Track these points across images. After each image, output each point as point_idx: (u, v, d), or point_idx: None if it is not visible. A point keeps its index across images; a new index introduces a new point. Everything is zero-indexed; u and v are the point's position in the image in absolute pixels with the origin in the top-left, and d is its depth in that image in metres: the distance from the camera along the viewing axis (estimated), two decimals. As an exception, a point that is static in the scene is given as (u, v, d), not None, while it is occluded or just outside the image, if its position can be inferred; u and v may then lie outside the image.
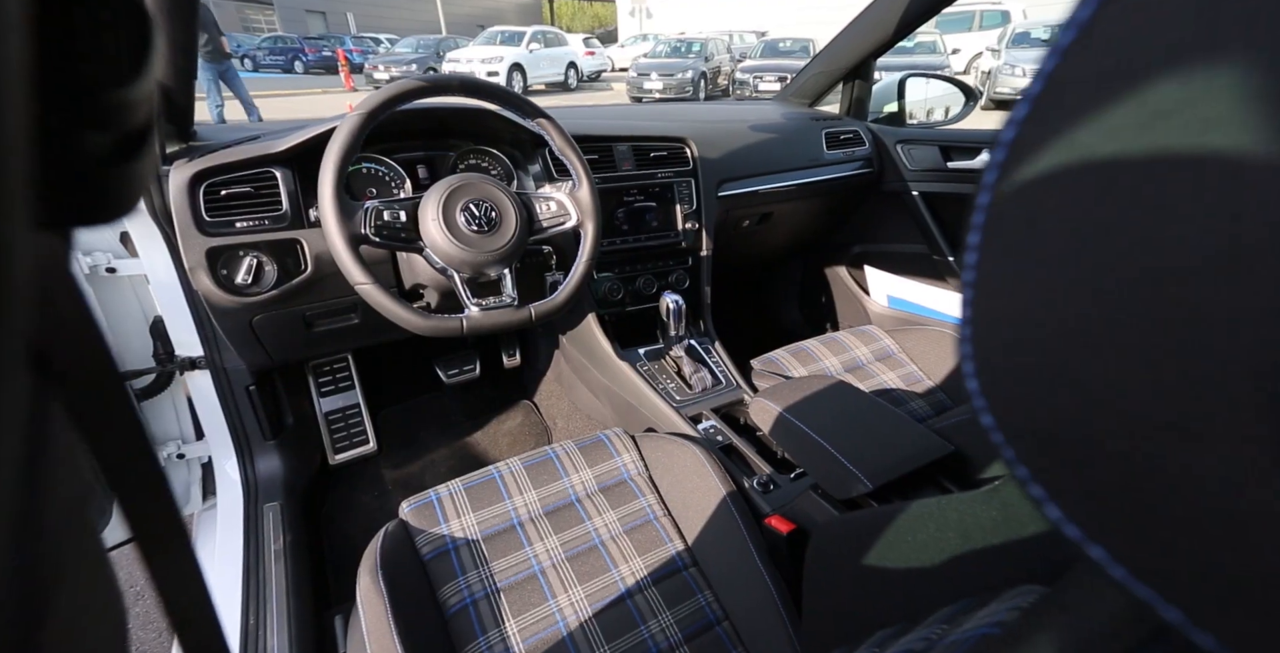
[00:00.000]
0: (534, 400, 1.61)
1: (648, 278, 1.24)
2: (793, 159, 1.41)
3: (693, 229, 1.25)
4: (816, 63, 1.56)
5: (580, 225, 0.94)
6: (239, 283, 0.89)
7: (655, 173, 1.22)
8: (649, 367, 1.16)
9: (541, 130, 0.92)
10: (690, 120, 1.40)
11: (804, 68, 1.62)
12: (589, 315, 1.20)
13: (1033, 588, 0.27)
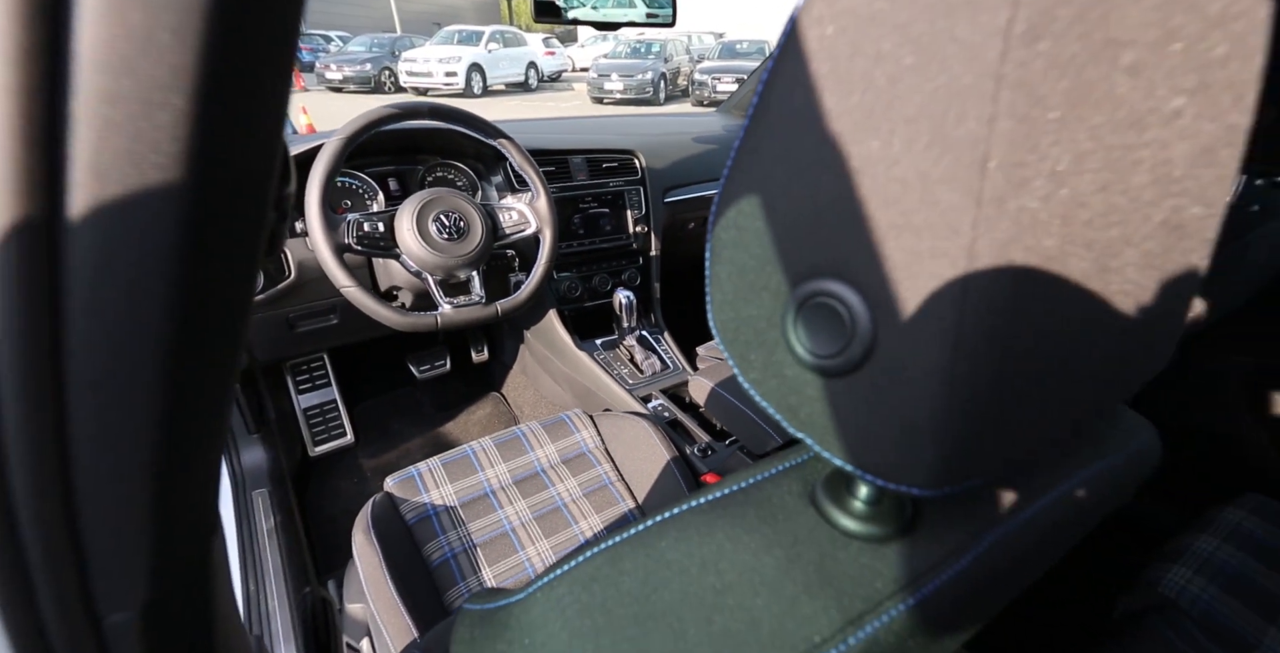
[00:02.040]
0: (502, 392, 1.73)
1: (603, 276, 1.37)
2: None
3: (642, 232, 1.39)
4: (753, 79, 1.73)
5: (539, 232, 1.07)
6: None
7: (607, 182, 1.36)
8: (605, 355, 1.30)
9: (503, 149, 1.05)
10: (639, 133, 1.54)
11: (745, 82, 1.78)
12: (550, 311, 1.33)
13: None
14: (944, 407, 0.18)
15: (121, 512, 0.20)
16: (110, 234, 0.16)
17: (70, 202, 0.16)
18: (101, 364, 0.17)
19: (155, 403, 0.19)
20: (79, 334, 0.17)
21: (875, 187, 0.18)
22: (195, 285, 0.18)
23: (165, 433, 0.20)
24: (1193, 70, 0.18)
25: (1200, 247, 0.22)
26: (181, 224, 0.17)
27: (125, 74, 0.15)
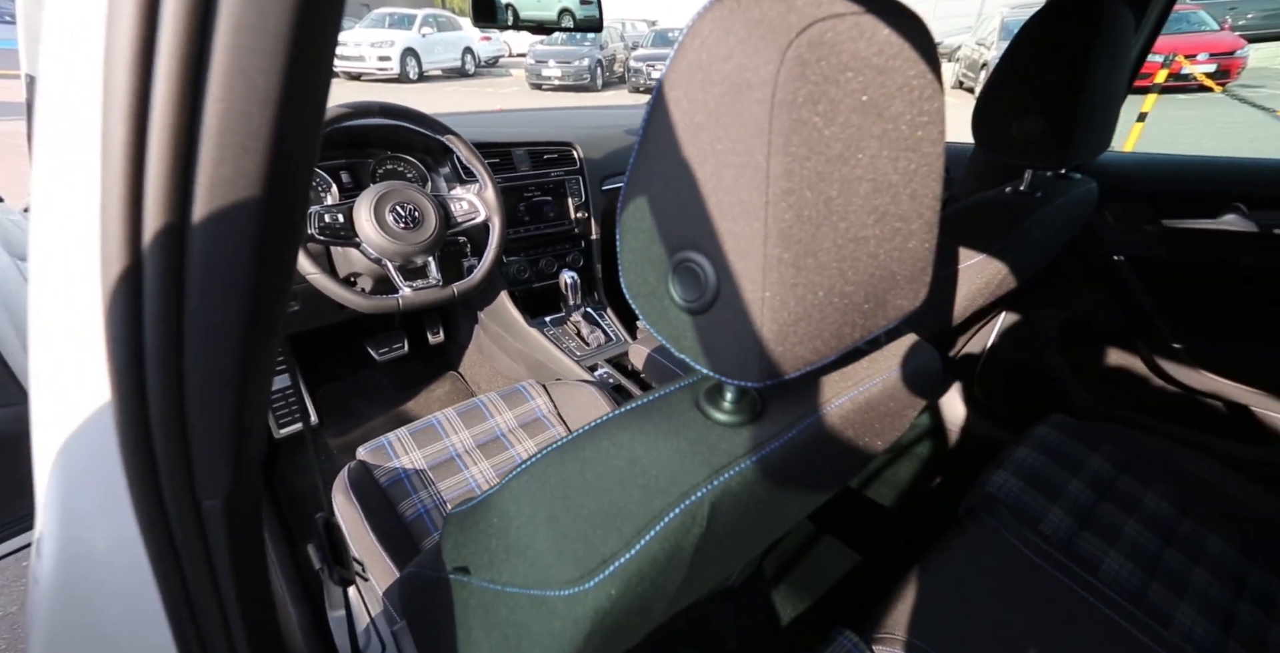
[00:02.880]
0: (459, 371, 1.82)
1: (549, 259, 1.50)
2: None
3: (583, 218, 1.52)
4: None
5: (489, 220, 1.18)
6: None
7: (549, 172, 1.47)
8: (554, 331, 1.43)
9: (450, 144, 1.15)
10: (576, 126, 1.66)
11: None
12: (502, 292, 1.44)
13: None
14: (761, 326, 0.33)
15: (213, 425, 0.31)
16: (215, 231, 0.26)
17: (194, 212, 0.26)
18: (207, 317, 0.28)
19: (238, 341, 0.29)
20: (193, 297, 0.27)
21: (710, 192, 0.32)
22: (265, 263, 0.28)
23: (242, 365, 0.30)
24: (877, 126, 0.33)
25: (918, 228, 0.38)
26: (258, 222, 0.26)
27: (229, 131, 0.24)
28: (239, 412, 0.30)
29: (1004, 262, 0.79)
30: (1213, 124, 6.19)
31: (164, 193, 0.24)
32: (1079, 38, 0.71)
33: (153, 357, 0.27)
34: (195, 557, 0.32)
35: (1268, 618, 0.78)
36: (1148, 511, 0.90)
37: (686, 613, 0.89)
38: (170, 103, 0.22)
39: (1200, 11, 8.33)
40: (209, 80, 0.22)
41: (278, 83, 0.23)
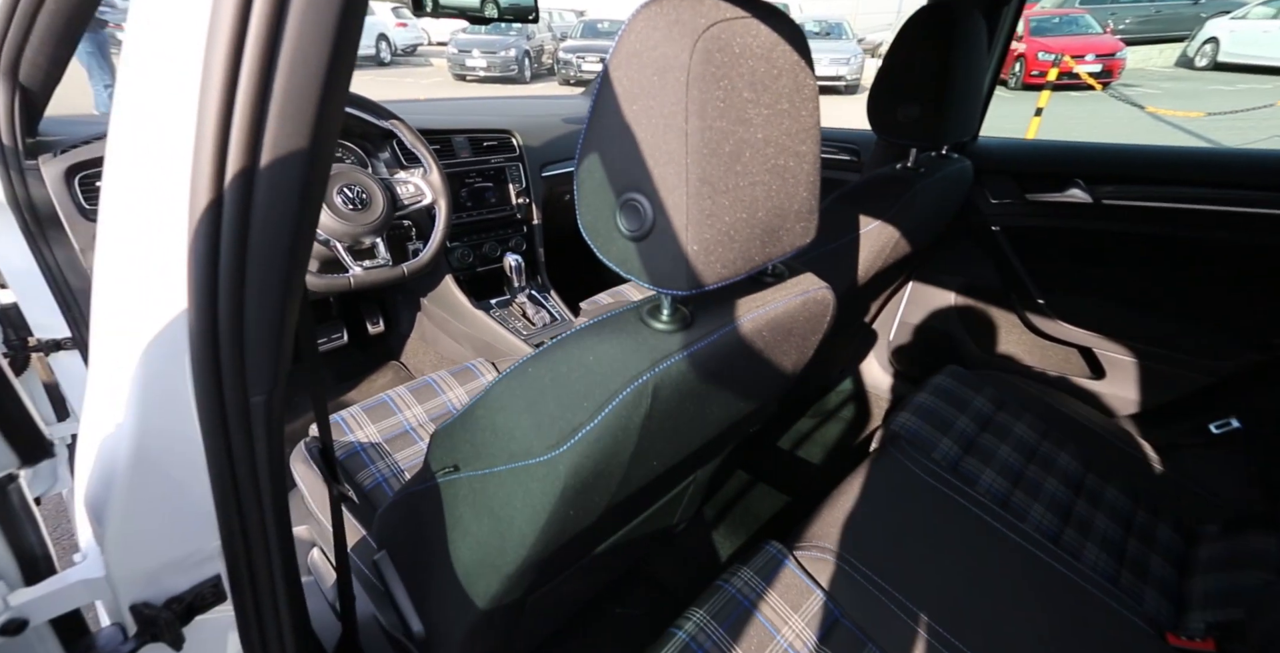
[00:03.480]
0: (401, 360, 1.83)
1: (492, 244, 1.54)
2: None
3: (524, 203, 1.58)
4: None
5: (435, 202, 1.23)
6: None
7: (489, 159, 1.52)
8: (500, 312, 1.48)
9: (394, 129, 1.18)
10: (514, 114, 1.70)
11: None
12: (447, 277, 1.48)
13: None
14: (687, 247, 0.42)
15: (264, 332, 0.38)
16: (276, 173, 0.34)
17: (262, 158, 0.33)
18: (266, 242, 0.35)
19: (285, 263, 0.36)
20: (256, 226, 0.34)
21: (646, 147, 0.42)
22: (306, 201, 0.35)
23: (286, 283, 0.37)
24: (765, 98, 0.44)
25: (802, 179, 0.49)
26: (305, 167, 0.34)
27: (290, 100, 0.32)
28: (282, 322, 0.37)
29: (896, 227, 0.93)
30: (1099, 118, 6.93)
31: (243, 143, 0.31)
32: (940, 40, 0.86)
33: (225, 273, 0.34)
34: (241, 446, 0.39)
35: (1094, 508, 0.97)
36: (1016, 437, 1.08)
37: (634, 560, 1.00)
38: (252, 77, 0.30)
39: (1086, 15, 9.28)
40: (279, 61, 0.30)
41: (324, 64, 0.31)
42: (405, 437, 1.10)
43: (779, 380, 0.63)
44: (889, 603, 0.77)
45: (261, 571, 0.45)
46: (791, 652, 0.69)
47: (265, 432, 0.40)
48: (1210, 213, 1.13)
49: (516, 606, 0.64)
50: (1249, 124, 5.78)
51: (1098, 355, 1.29)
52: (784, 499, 1.41)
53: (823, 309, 0.61)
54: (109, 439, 0.39)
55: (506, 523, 0.48)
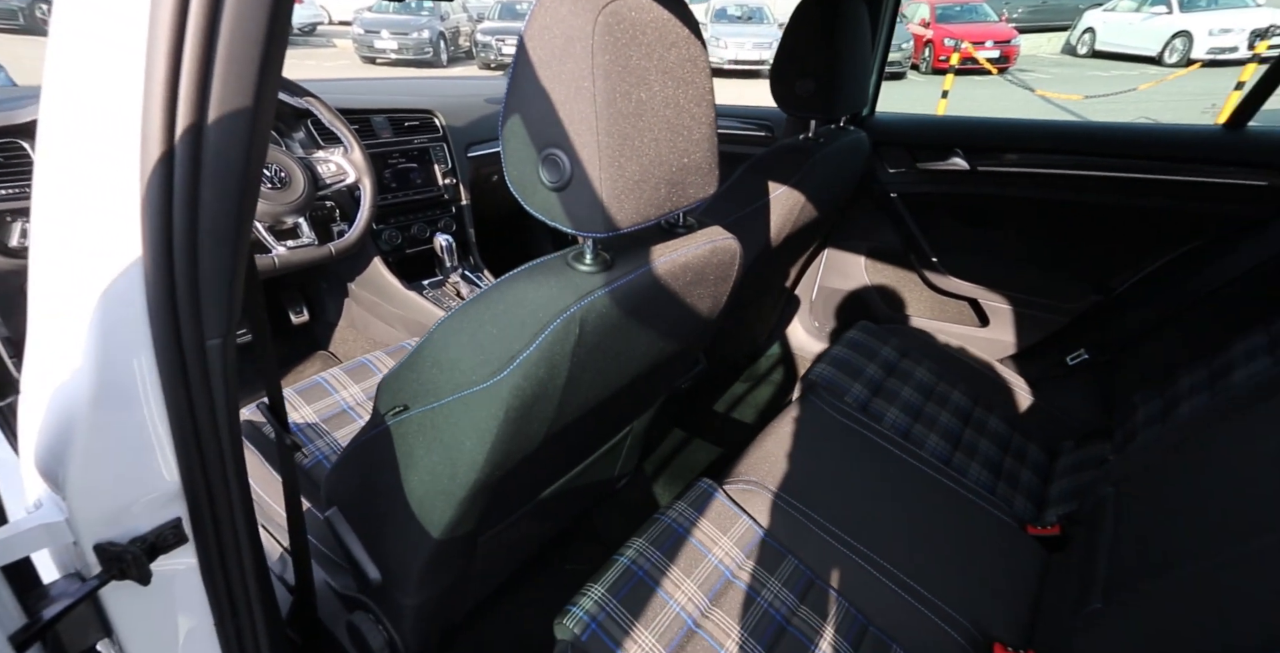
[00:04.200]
0: (330, 349, 1.79)
1: (421, 225, 1.54)
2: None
3: (452, 184, 1.58)
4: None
5: (359, 181, 1.21)
6: (14, 246, 0.97)
7: (412, 139, 1.50)
8: (434, 293, 1.48)
9: (310, 107, 1.16)
10: (435, 95, 1.68)
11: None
12: (375, 259, 1.46)
13: None
14: (602, 195, 0.48)
15: (218, 276, 0.40)
16: (224, 128, 0.37)
17: (210, 115, 0.36)
18: (217, 191, 0.38)
19: (235, 212, 0.39)
20: (208, 182, 0.37)
21: (561, 107, 0.47)
22: (252, 155, 0.38)
23: (236, 230, 0.40)
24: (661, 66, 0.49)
25: (700, 138, 0.55)
26: (249, 125, 0.38)
27: (233, 60, 0.35)
28: (234, 268, 0.40)
29: (801, 192, 1.03)
30: (998, 101, 7.50)
31: (190, 100, 0.34)
32: (826, 23, 0.96)
33: (179, 220, 0.37)
34: (199, 387, 0.41)
35: (979, 435, 1.12)
36: (916, 380, 1.22)
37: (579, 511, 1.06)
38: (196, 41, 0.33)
39: (984, 4, 9.93)
40: (221, 26, 0.33)
41: (263, 29, 0.34)
42: (343, 416, 1.11)
43: (697, 324, 0.70)
44: (807, 522, 0.87)
45: (223, 509, 0.48)
46: (722, 566, 0.77)
47: (221, 374, 0.42)
48: (1062, 176, 1.31)
49: (469, 539, 0.68)
50: (1119, 106, 6.44)
51: (982, 306, 1.46)
52: (719, 451, 1.51)
53: (730, 258, 0.68)
54: (65, 386, 0.40)
55: (456, 450, 0.53)
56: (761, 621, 0.73)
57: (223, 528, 0.49)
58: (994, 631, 0.77)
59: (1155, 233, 1.26)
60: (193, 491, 0.46)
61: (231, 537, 0.50)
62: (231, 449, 0.46)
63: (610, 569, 0.73)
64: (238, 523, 0.50)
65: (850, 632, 0.74)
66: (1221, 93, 5.31)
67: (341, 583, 0.87)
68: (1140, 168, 1.23)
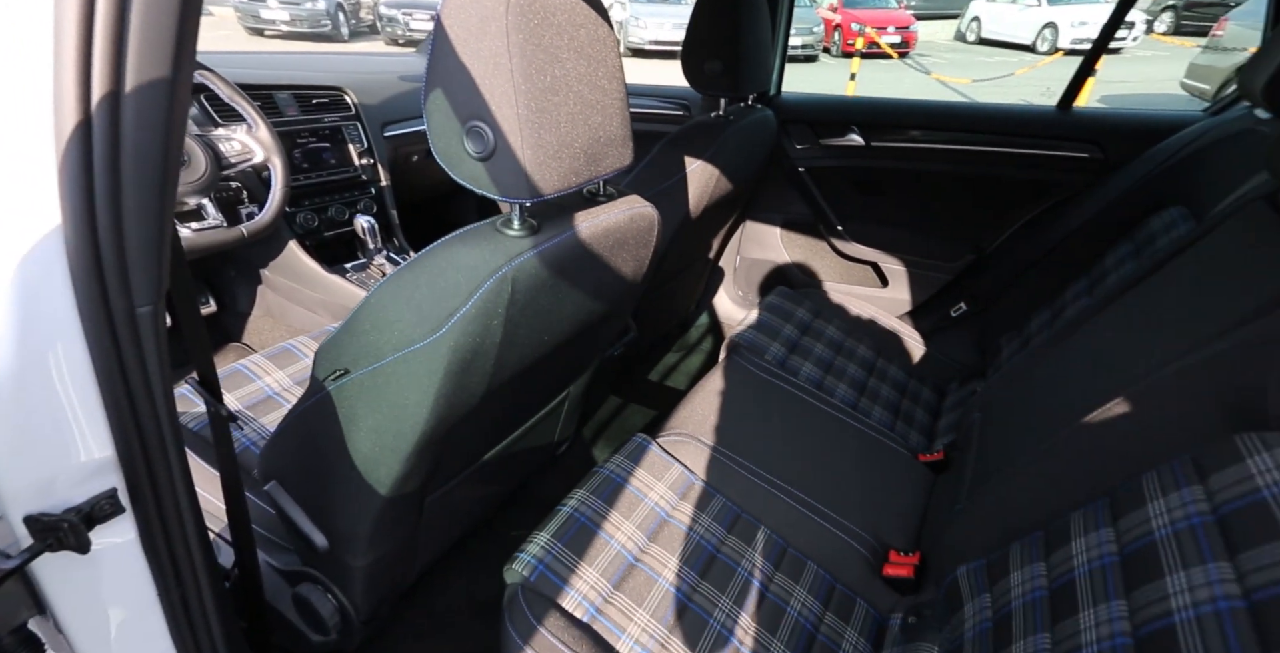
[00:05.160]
0: (244, 341, 1.71)
1: (338, 207, 1.49)
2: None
3: (369, 164, 1.53)
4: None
5: (268, 160, 1.17)
6: None
7: (321, 118, 1.45)
8: (358, 276, 1.45)
9: (206, 81, 1.10)
10: (345, 71, 1.62)
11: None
12: (290, 243, 1.41)
13: None
14: (524, 164, 0.52)
15: (145, 240, 0.41)
16: (143, 96, 0.37)
17: (127, 82, 0.36)
18: (139, 157, 0.39)
19: (159, 174, 0.40)
20: (129, 149, 0.37)
21: (481, 82, 0.50)
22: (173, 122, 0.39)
23: (161, 195, 0.41)
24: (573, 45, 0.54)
25: (613, 113, 0.60)
26: (168, 93, 0.39)
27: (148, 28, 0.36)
28: (161, 235, 0.40)
29: (716, 166, 1.10)
30: (901, 84, 7.95)
31: (106, 68, 0.35)
32: (728, 7, 1.04)
33: (101, 187, 0.37)
34: (132, 356, 0.42)
35: (881, 382, 1.26)
36: (828, 337, 1.34)
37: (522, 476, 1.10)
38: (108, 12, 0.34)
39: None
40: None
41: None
42: (270, 402, 1.08)
43: (623, 286, 0.75)
44: (733, 465, 0.96)
45: (162, 477, 0.48)
46: (658, 508, 0.84)
47: (154, 342, 0.43)
48: (940, 150, 1.47)
49: (416, 497, 0.71)
50: (1002, 89, 7.05)
51: (882, 269, 1.62)
52: (653, 413, 1.59)
53: (649, 224, 0.74)
54: None
55: (401, 407, 0.56)
56: (694, 551, 0.81)
57: (163, 496, 0.49)
58: (890, 540, 0.90)
59: (1014, 198, 1.45)
60: (129, 459, 0.46)
61: (173, 504, 0.50)
62: (169, 417, 0.46)
63: (554, 518, 0.79)
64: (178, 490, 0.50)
65: (772, 553, 0.84)
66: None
67: (283, 561, 0.87)
68: (998, 142, 1.42)
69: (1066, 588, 0.60)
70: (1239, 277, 0.71)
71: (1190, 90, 4.96)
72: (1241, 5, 5.64)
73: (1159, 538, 0.54)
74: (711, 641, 0.72)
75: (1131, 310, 0.86)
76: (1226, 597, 0.46)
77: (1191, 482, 0.55)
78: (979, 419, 0.98)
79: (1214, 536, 0.50)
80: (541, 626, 0.67)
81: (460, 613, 1.08)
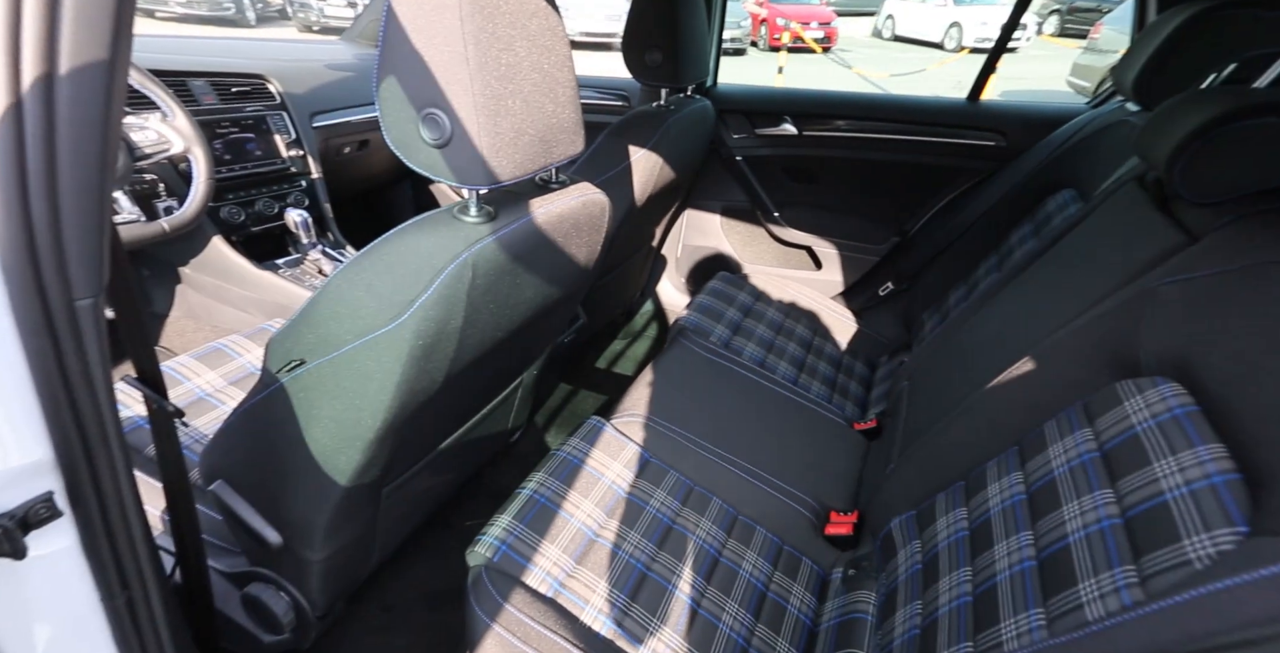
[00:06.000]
0: (163, 345, 1.60)
1: (267, 201, 1.42)
2: (372, 94, 1.71)
3: (298, 156, 1.47)
4: (374, 7, 1.84)
5: (188, 150, 1.10)
6: None
7: (243, 107, 1.37)
8: (292, 272, 1.40)
9: (113, 65, 1.02)
10: (266, 58, 1.54)
11: (365, 9, 1.87)
12: (215, 239, 1.33)
13: None
14: (481, 150, 0.53)
15: (84, 230, 0.40)
16: (79, 80, 0.36)
17: (60, 65, 0.35)
18: (75, 142, 0.37)
19: (98, 163, 0.38)
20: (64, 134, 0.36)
21: (437, 69, 0.51)
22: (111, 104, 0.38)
23: (101, 190, 0.40)
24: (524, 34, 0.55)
25: (564, 101, 0.62)
26: (106, 76, 0.38)
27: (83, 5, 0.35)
28: (100, 225, 0.39)
29: (658, 154, 1.13)
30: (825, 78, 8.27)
31: (38, 50, 0.34)
32: (664, 2, 1.07)
33: (35, 175, 0.36)
34: (72, 352, 0.40)
35: (819, 359, 1.35)
36: (769, 319, 1.41)
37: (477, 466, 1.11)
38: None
39: None
40: None
41: None
42: (202, 403, 1.04)
43: (577, 271, 0.77)
44: (684, 442, 1.00)
45: (106, 478, 0.47)
46: (615, 486, 0.88)
47: (95, 337, 0.41)
48: (865, 139, 1.58)
49: (375, 488, 0.71)
50: (917, 83, 7.48)
51: (816, 253, 1.71)
52: (603, 400, 1.63)
53: (600, 210, 0.77)
54: None
55: (361, 395, 0.56)
56: (651, 524, 0.85)
57: (106, 497, 0.47)
58: (831, 502, 0.97)
59: (932, 183, 1.58)
60: (69, 461, 0.44)
61: (117, 506, 0.48)
62: (111, 414, 0.45)
63: (514, 500, 0.80)
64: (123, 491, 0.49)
65: (724, 521, 0.89)
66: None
67: (228, 564, 0.84)
68: (916, 132, 1.54)
69: (984, 527, 0.68)
70: (1117, 247, 0.81)
71: (1075, 87, 5.48)
72: (1113, 12, 6.26)
73: (1058, 475, 0.63)
74: (670, 605, 0.76)
75: (1033, 282, 0.97)
76: (1109, 516, 0.54)
77: (1083, 425, 0.64)
78: (906, 388, 1.07)
79: (1100, 468, 0.59)
80: (507, 603, 0.69)
81: (416, 606, 1.07)
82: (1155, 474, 0.52)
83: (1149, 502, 0.51)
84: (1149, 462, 0.54)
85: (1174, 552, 0.46)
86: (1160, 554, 0.47)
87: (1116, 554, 0.51)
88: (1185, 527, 0.47)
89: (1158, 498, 0.51)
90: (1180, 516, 0.48)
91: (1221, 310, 0.56)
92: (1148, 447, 0.55)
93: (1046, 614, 0.53)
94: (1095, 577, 0.51)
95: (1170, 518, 0.48)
